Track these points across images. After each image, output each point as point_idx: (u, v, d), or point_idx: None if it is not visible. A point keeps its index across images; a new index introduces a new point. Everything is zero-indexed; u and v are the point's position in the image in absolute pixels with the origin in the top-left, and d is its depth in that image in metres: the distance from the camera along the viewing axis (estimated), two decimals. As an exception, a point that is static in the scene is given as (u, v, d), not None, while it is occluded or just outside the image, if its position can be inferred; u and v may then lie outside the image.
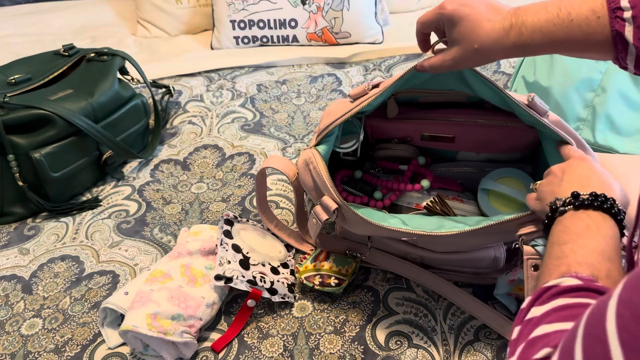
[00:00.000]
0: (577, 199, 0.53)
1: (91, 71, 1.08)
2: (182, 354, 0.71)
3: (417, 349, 0.73)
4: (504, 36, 0.59)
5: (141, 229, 0.95)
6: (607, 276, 0.45)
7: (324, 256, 0.83)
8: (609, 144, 1.05)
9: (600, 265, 0.46)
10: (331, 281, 0.79)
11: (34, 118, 0.93)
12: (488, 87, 0.73)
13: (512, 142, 0.84)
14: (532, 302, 0.45)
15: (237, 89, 1.36)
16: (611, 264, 0.47)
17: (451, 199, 0.85)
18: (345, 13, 1.50)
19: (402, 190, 0.86)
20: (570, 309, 0.41)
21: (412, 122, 0.88)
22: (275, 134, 1.19)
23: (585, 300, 0.42)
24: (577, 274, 0.45)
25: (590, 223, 0.51)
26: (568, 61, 1.08)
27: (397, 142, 0.90)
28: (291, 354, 0.73)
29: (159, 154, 1.14)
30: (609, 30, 0.54)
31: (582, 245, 0.48)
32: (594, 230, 0.50)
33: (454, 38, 0.62)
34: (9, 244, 0.92)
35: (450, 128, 0.86)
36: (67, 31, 1.65)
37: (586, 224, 0.51)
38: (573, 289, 0.43)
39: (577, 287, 0.43)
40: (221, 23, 1.52)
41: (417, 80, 0.78)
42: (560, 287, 0.44)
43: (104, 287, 0.84)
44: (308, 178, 0.74)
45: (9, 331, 0.77)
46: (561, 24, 0.56)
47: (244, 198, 1.01)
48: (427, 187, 0.86)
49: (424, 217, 0.74)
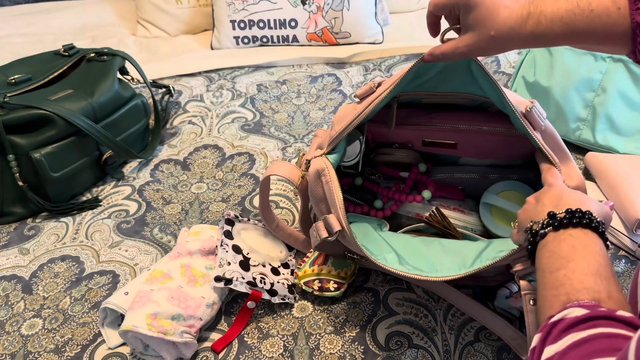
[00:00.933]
0: (554, 218, 0.52)
1: (91, 71, 1.08)
2: (182, 354, 0.71)
3: (417, 349, 0.73)
4: (521, 24, 0.57)
5: (141, 229, 0.95)
6: (608, 297, 0.44)
7: (322, 259, 0.82)
8: (609, 144, 1.05)
9: (598, 287, 0.45)
10: (330, 285, 0.78)
11: (34, 118, 0.93)
12: (492, 87, 0.72)
13: (515, 149, 0.83)
14: (542, 340, 0.43)
15: (237, 89, 1.36)
16: (608, 282, 0.46)
17: (452, 209, 0.85)
18: (345, 13, 1.50)
19: (403, 201, 0.86)
20: (588, 344, 0.39)
21: (413, 129, 0.86)
22: (275, 134, 1.19)
23: (599, 330, 0.40)
24: (580, 301, 0.44)
25: (575, 243, 0.50)
26: (568, 61, 1.08)
27: (398, 147, 0.90)
28: (291, 354, 0.73)
29: (159, 154, 1.14)
30: (629, 22, 0.53)
31: (574, 269, 0.47)
32: (581, 250, 0.49)
33: (469, 24, 0.59)
34: (9, 244, 0.92)
35: (453, 135, 0.84)
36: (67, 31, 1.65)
37: (571, 245, 0.50)
38: (581, 320, 0.41)
39: (585, 317, 0.41)
40: (221, 23, 1.52)
41: (423, 77, 0.77)
42: (567, 320, 0.42)
43: (104, 287, 0.84)
44: (319, 189, 0.73)
45: (9, 331, 0.77)
46: (581, 14, 0.54)
47: (244, 198, 1.01)
48: (428, 198, 0.85)
49: (422, 251, 0.73)
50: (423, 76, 0.76)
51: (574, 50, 1.07)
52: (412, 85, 0.79)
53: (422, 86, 0.80)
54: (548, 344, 0.42)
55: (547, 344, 0.42)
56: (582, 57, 1.07)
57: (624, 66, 1.04)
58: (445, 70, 0.76)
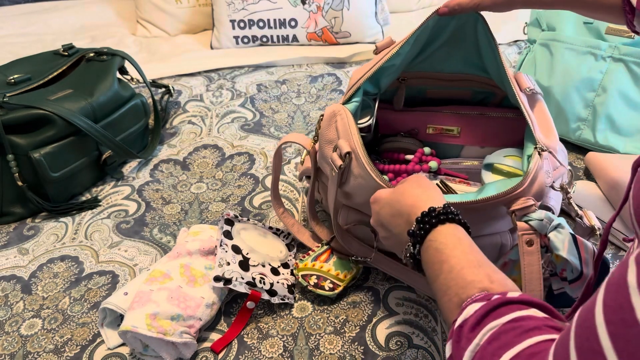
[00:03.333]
0: (413, 236, 0.54)
1: (91, 71, 1.08)
2: (181, 354, 0.71)
3: (417, 349, 0.73)
4: None
5: (140, 229, 0.94)
6: (490, 281, 0.47)
7: (325, 256, 0.82)
8: (610, 144, 1.05)
9: (478, 276, 0.47)
10: (326, 284, 0.78)
11: (34, 118, 0.93)
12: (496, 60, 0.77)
13: (516, 133, 0.86)
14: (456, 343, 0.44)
15: (237, 88, 1.36)
16: (483, 267, 0.48)
17: (458, 182, 0.87)
18: (345, 13, 1.50)
19: (410, 171, 0.87)
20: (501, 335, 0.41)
21: (418, 113, 0.91)
22: (275, 134, 1.19)
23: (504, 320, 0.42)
24: (471, 297, 0.46)
25: (436, 246, 0.52)
26: (568, 61, 1.08)
27: (403, 136, 0.92)
28: (291, 354, 0.73)
29: (159, 153, 1.14)
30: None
31: (449, 269, 0.49)
32: (444, 250, 0.51)
33: None
34: (9, 244, 0.92)
35: (456, 120, 0.88)
36: (66, 31, 1.65)
37: (434, 249, 0.52)
38: (483, 315, 0.43)
39: (485, 312, 0.43)
40: (221, 23, 1.52)
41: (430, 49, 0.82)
42: (470, 319, 0.44)
43: (104, 287, 0.84)
44: (332, 130, 0.74)
45: (9, 331, 0.77)
46: None
47: (243, 198, 1.01)
48: (435, 169, 0.87)
49: None
50: (430, 47, 0.81)
51: (574, 50, 1.07)
52: (418, 60, 0.84)
53: (428, 62, 0.85)
54: (464, 346, 0.43)
55: (463, 345, 0.43)
56: (583, 57, 1.07)
57: (624, 66, 1.04)
58: (451, 43, 0.81)
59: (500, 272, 0.49)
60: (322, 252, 0.83)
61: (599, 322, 0.31)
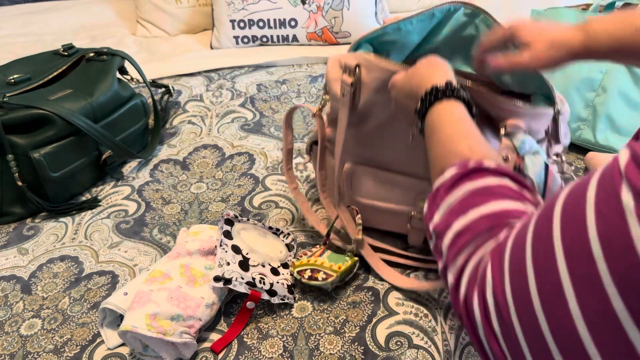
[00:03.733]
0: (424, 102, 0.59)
1: (91, 71, 1.08)
2: (181, 354, 0.71)
3: (417, 349, 0.73)
4: (571, 37, 0.62)
5: (140, 229, 0.94)
6: (470, 151, 0.52)
7: (320, 252, 0.83)
8: (610, 144, 1.05)
9: (461, 147, 0.52)
10: (319, 275, 0.78)
11: (34, 118, 0.93)
12: None
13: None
14: (432, 199, 0.51)
15: (237, 88, 1.36)
16: (468, 140, 0.53)
17: None
18: (345, 12, 1.50)
19: None
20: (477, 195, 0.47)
21: None
22: (275, 134, 1.19)
23: (477, 184, 0.48)
24: (451, 163, 0.51)
25: (434, 117, 0.57)
26: (568, 61, 1.08)
27: None
28: (291, 354, 0.73)
29: (159, 153, 1.14)
30: None
31: (440, 140, 0.55)
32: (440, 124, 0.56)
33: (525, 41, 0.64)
34: (8, 244, 0.92)
35: None
36: (66, 31, 1.65)
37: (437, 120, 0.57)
38: (457, 178, 0.49)
39: (458, 176, 0.49)
40: (221, 23, 1.52)
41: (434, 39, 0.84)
42: (446, 182, 0.50)
43: (103, 287, 0.84)
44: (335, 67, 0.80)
45: (8, 331, 0.77)
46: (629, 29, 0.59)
47: (243, 198, 1.01)
48: None
49: None
50: (434, 36, 0.83)
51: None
52: (422, 49, 0.85)
53: None
54: (438, 202, 0.50)
55: (438, 202, 0.50)
56: (583, 56, 1.07)
57: (624, 66, 1.04)
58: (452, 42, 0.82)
59: (485, 144, 0.53)
60: (317, 251, 0.84)
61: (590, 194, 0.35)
